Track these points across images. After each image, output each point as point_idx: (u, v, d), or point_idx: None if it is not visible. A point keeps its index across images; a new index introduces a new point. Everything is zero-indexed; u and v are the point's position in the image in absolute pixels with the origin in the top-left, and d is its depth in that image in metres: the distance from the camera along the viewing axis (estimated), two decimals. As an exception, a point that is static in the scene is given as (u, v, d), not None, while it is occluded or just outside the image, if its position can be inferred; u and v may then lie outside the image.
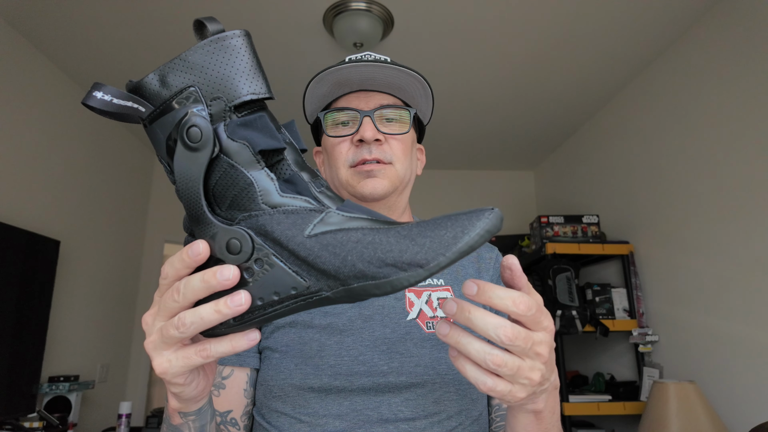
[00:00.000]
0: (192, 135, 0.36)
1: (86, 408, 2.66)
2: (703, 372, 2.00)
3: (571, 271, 2.45)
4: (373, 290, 0.35)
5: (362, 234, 0.36)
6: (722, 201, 1.94)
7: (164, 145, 0.38)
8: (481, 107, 2.90)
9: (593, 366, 2.86)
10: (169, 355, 0.40)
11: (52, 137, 2.42)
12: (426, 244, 0.34)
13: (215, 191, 0.38)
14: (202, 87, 0.37)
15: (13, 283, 1.99)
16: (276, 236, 0.37)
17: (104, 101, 0.36)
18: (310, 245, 0.36)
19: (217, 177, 0.38)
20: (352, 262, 0.35)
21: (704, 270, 2.01)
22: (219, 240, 0.37)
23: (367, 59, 0.72)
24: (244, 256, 0.37)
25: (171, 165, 0.39)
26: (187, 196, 0.38)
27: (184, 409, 0.47)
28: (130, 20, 2.09)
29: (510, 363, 0.39)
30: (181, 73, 0.37)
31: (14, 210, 2.16)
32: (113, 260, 2.98)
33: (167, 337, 0.39)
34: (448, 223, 0.34)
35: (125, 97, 0.37)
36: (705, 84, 2.05)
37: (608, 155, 2.82)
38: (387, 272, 0.34)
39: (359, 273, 0.35)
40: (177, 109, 0.37)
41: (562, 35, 2.19)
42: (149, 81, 0.38)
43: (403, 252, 0.34)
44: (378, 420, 0.63)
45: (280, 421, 0.65)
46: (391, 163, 0.73)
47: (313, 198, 0.38)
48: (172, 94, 0.37)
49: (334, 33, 2.11)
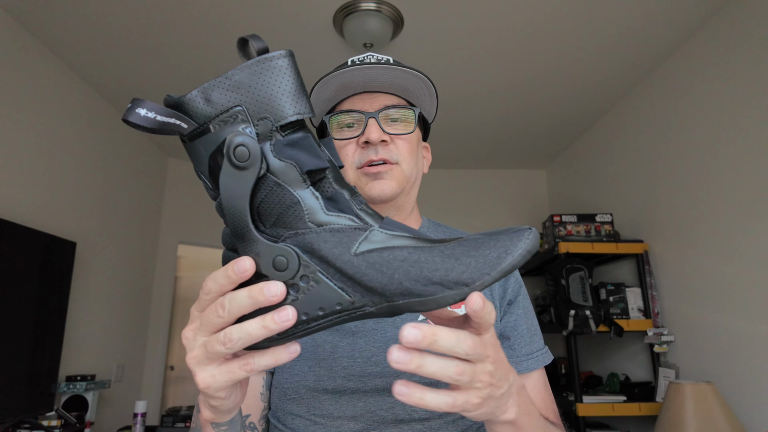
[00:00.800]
0: (239, 154, 0.37)
1: (103, 407, 2.70)
2: (721, 372, 1.96)
3: (585, 271, 2.43)
4: (418, 307, 0.36)
5: (407, 252, 0.37)
6: (737, 199, 1.90)
7: (206, 162, 0.39)
8: (493, 106, 2.88)
9: (607, 366, 2.83)
10: (212, 370, 0.40)
11: (68, 141, 2.46)
12: (471, 263, 0.35)
13: (260, 209, 0.39)
14: (248, 106, 0.37)
15: (31, 284, 2.02)
16: (323, 254, 0.38)
17: (147, 118, 0.36)
18: (357, 263, 0.37)
19: (263, 195, 0.38)
20: (398, 280, 0.36)
21: (720, 269, 1.98)
22: (265, 257, 0.38)
23: (370, 60, 0.73)
24: (291, 272, 0.38)
25: (210, 181, 0.40)
26: (232, 213, 0.38)
27: (217, 420, 0.48)
28: (144, 22, 2.11)
29: (467, 370, 0.40)
30: (227, 92, 0.38)
31: (32, 212, 2.20)
32: (128, 261, 3.02)
33: (212, 353, 0.39)
34: (490, 243, 0.36)
35: (168, 113, 0.37)
36: (719, 82, 2.02)
37: (621, 153, 2.79)
38: (433, 290, 0.36)
39: (405, 290, 0.36)
40: (223, 128, 0.38)
41: (574, 33, 2.17)
42: (192, 98, 0.38)
43: (449, 271, 0.35)
44: (392, 420, 0.64)
45: (295, 423, 0.66)
46: (397, 163, 0.73)
47: (355, 216, 0.39)
48: (218, 112, 0.38)
49: (344, 33, 2.12)
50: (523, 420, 0.48)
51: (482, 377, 0.41)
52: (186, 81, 2.58)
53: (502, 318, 0.75)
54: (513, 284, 0.77)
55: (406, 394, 0.38)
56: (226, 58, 2.37)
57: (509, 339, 0.73)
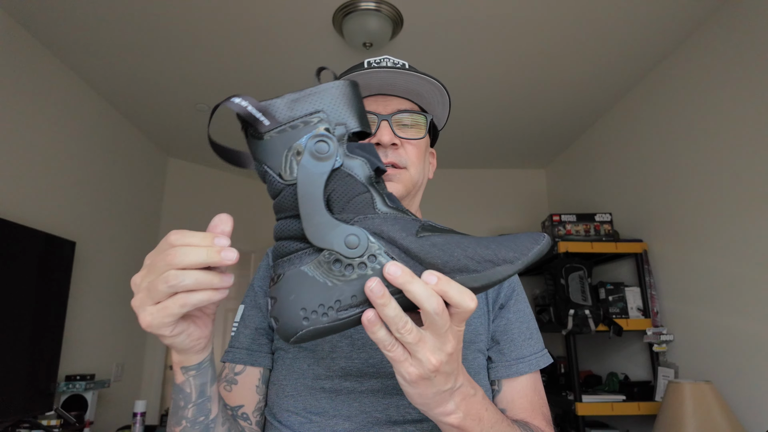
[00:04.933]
0: (320, 148, 0.44)
1: (102, 406, 2.70)
2: (720, 372, 1.97)
3: (584, 270, 2.43)
4: (472, 283, 0.42)
5: (460, 238, 0.43)
6: (737, 198, 1.91)
7: (281, 157, 0.45)
8: (492, 106, 2.88)
9: (607, 366, 2.83)
10: (151, 309, 0.43)
11: (68, 141, 2.46)
12: (511, 247, 0.42)
13: (332, 196, 0.45)
14: (329, 113, 0.46)
15: (30, 284, 2.02)
16: (390, 235, 0.43)
17: (240, 106, 0.43)
18: (420, 243, 0.43)
19: (336, 184, 0.45)
20: (457, 257, 0.42)
21: (719, 268, 1.98)
22: (338, 236, 0.43)
23: (386, 64, 0.73)
24: (361, 250, 0.43)
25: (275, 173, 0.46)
26: (306, 198, 0.44)
27: (185, 362, 0.51)
28: (144, 22, 2.11)
29: (415, 333, 0.42)
30: (308, 103, 0.46)
31: (31, 212, 2.20)
32: (128, 261, 3.02)
33: (154, 292, 0.42)
34: (520, 237, 0.43)
35: (259, 107, 0.44)
36: (719, 81, 2.02)
37: (621, 153, 2.79)
38: (485, 267, 0.42)
39: (463, 267, 0.42)
40: (304, 128, 0.45)
41: (573, 32, 2.17)
42: (276, 103, 0.45)
43: (497, 252, 0.42)
44: (386, 422, 0.64)
45: (290, 420, 0.66)
46: (406, 168, 0.74)
47: (408, 212, 0.46)
48: (302, 115, 0.45)
49: (343, 33, 2.12)
50: (470, 426, 0.50)
51: (429, 355, 0.43)
52: (186, 81, 2.58)
53: (493, 320, 0.75)
54: (506, 289, 0.77)
55: (371, 319, 0.42)
56: (228, 58, 2.37)
57: (499, 343, 0.73)
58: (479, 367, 0.70)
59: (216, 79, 2.56)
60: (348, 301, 0.43)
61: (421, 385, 0.45)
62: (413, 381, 0.44)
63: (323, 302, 0.43)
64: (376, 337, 0.43)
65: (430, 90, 0.74)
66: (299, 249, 0.45)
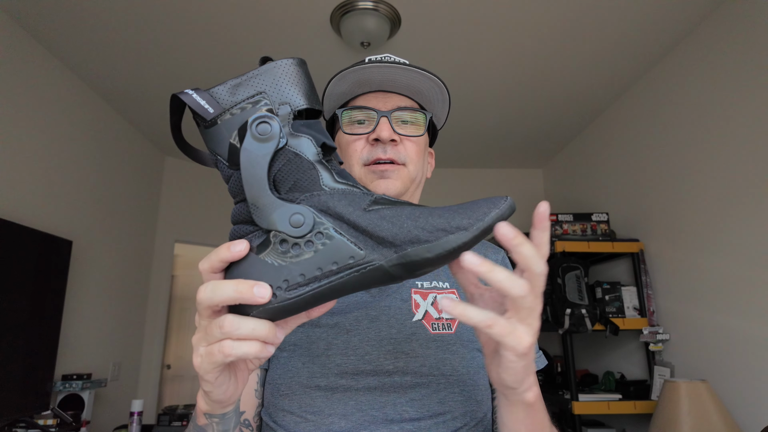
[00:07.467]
0: (262, 129, 0.43)
1: (99, 406, 2.70)
2: (715, 371, 1.98)
3: (581, 270, 2.44)
4: (425, 254, 0.40)
5: (412, 209, 0.42)
6: (733, 198, 1.91)
7: (227, 142, 0.45)
8: (489, 105, 2.88)
9: (603, 365, 2.84)
10: (202, 350, 0.43)
11: (65, 140, 2.46)
12: (466, 214, 0.40)
13: (277, 177, 0.44)
14: (270, 95, 0.44)
15: (26, 283, 2.02)
16: (337, 211, 0.42)
17: (191, 98, 0.44)
18: (369, 217, 0.42)
19: (281, 164, 0.44)
20: (407, 228, 0.40)
21: (716, 268, 1.99)
22: (282, 215, 0.42)
23: (388, 60, 0.73)
24: (306, 228, 0.42)
25: (227, 160, 0.45)
26: (251, 182, 0.43)
27: (210, 411, 0.50)
28: (142, 22, 2.10)
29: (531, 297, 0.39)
30: (250, 86, 0.45)
31: (28, 211, 2.19)
32: (125, 260, 3.02)
33: (209, 335, 0.42)
34: (479, 203, 0.41)
35: (203, 97, 0.44)
36: (716, 80, 2.03)
37: (618, 153, 2.79)
38: (438, 235, 0.40)
39: (414, 238, 0.40)
40: (247, 111, 0.44)
41: (570, 32, 2.18)
42: (218, 89, 0.45)
43: (450, 220, 0.40)
44: (383, 420, 0.63)
45: (286, 420, 0.65)
46: (404, 165, 0.74)
47: (361, 187, 0.45)
48: (243, 98, 0.44)
49: (341, 32, 2.12)
50: (538, 407, 0.49)
51: (534, 320, 0.40)
52: (185, 81, 2.57)
53: None
54: None
55: (449, 306, 0.40)
56: (224, 57, 2.37)
57: None
58: (479, 366, 0.71)
59: (213, 78, 2.56)
60: (296, 280, 0.41)
61: (529, 354, 0.42)
62: (526, 351, 0.41)
63: (272, 283, 0.42)
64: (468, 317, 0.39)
65: (430, 87, 0.74)
66: (250, 232, 0.45)
